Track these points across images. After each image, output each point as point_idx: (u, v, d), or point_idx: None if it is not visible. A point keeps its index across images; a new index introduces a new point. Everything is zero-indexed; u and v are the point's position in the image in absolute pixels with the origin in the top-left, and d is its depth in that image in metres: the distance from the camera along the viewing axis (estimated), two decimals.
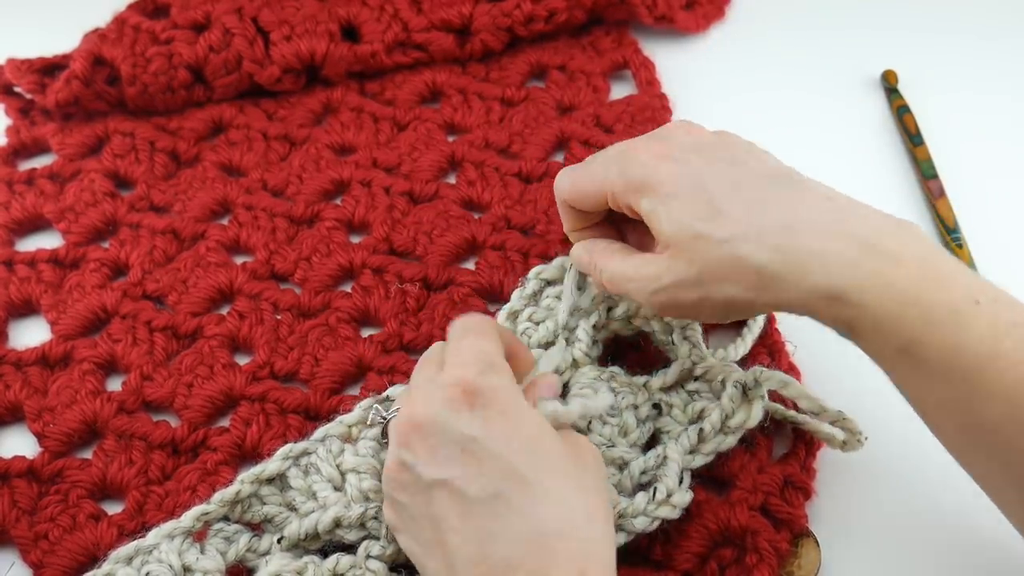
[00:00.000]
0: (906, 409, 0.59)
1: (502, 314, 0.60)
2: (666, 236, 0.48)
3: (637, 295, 0.50)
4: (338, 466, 0.54)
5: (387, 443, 0.51)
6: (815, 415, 0.55)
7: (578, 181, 0.54)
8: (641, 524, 0.51)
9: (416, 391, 0.48)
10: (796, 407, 0.56)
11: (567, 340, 0.57)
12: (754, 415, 0.54)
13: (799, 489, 0.55)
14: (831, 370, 0.60)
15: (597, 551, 0.44)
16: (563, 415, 0.48)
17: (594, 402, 0.52)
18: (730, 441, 0.54)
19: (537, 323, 0.59)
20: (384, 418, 0.53)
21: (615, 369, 0.57)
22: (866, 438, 0.54)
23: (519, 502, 0.43)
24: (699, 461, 0.54)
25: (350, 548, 0.52)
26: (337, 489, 0.53)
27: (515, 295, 0.60)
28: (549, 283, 0.60)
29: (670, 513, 0.51)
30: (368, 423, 0.54)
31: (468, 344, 0.48)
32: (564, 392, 0.55)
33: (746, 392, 0.54)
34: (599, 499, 0.46)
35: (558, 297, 0.59)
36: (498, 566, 0.43)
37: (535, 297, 0.60)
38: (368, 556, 0.51)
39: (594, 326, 0.58)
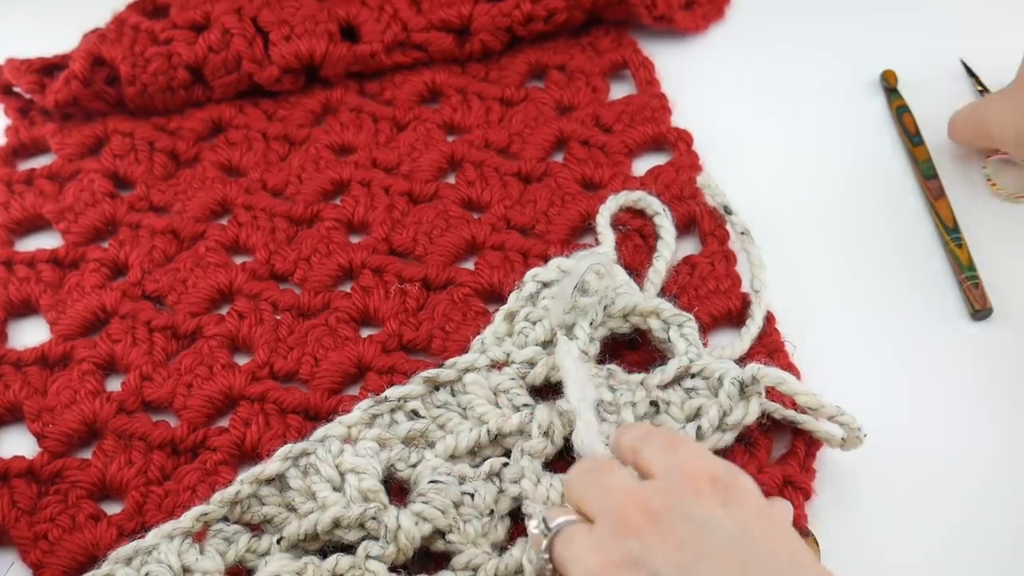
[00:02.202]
0: (905, 409, 0.59)
1: (499, 315, 0.60)
2: None
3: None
4: (337, 466, 0.54)
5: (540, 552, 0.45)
6: (813, 411, 0.55)
7: None
8: None
9: (626, 486, 0.40)
10: (795, 406, 0.56)
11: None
12: (751, 412, 0.54)
13: (799, 489, 0.54)
14: (830, 370, 0.60)
15: None
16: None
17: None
18: (728, 438, 0.54)
19: (534, 322, 0.59)
20: (549, 529, 0.44)
21: (612, 367, 0.57)
22: (865, 435, 0.54)
23: None
24: None
25: (349, 548, 0.52)
26: (336, 489, 0.53)
27: (512, 297, 0.60)
28: (546, 285, 0.60)
29: None
30: (532, 530, 0.46)
31: (691, 446, 0.41)
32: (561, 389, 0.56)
33: (743, 389, 0.54)
34: None
35: (555, 297, 0.59)
36: None
37: (532, 299, 0.60)
38: (367, 556, 0.51)
39: (591, 324, 0.58)
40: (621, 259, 0.63)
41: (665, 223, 0.64)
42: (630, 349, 0.60)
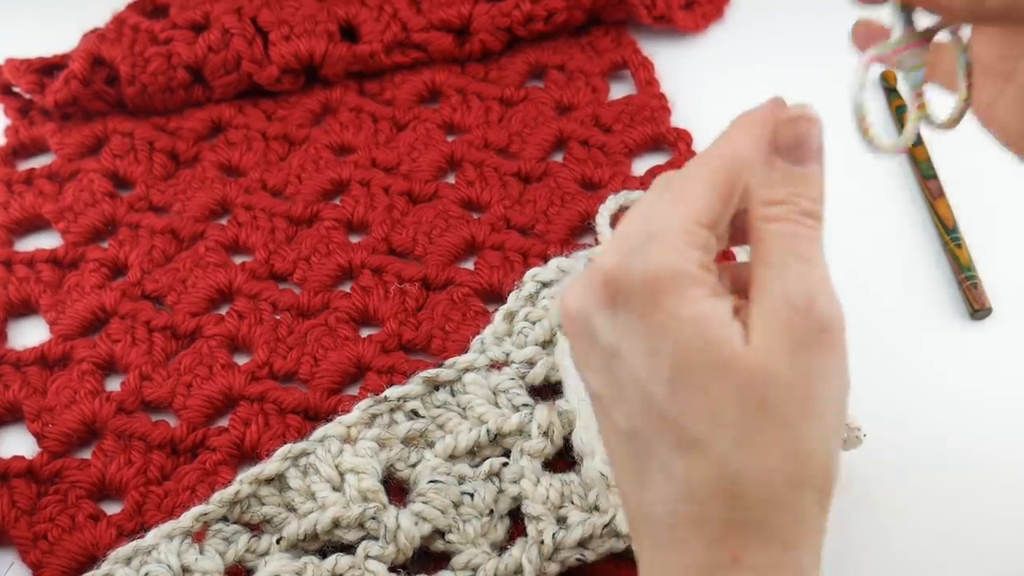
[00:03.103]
0: (905, 409, 0.59)
1: (499, 315, 0.60)
2: None
3: None
4: (337, 466, 0.54)
5: None
6: None
7: None
8: None
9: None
10: None
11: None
12: None
13: None
14: None
15: (787, 531, 0.33)
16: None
17: None
18: None
19: (534, 322, 0.59)
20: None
21: None
22: (864, 435, 0.54)
23: (662, 454, 0.33)
24: None
25: (349, 548, 0.52)
26: (336, 489, 0.53)
27: (512, 297, 0.60)
28: (545, 285, 0.60)
29: None
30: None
31: (652, 197, 0.36)
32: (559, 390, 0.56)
33: None
34: (806, 454, 0.33)
35: (554, 297, 0.59)
36: (647, 521, 0.35)
37: (532, 299, 0.60)
38: (367, 556, 0.51)
39: None
40: None
41: None
42: None
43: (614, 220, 0.65)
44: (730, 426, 0.32)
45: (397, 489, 0.55)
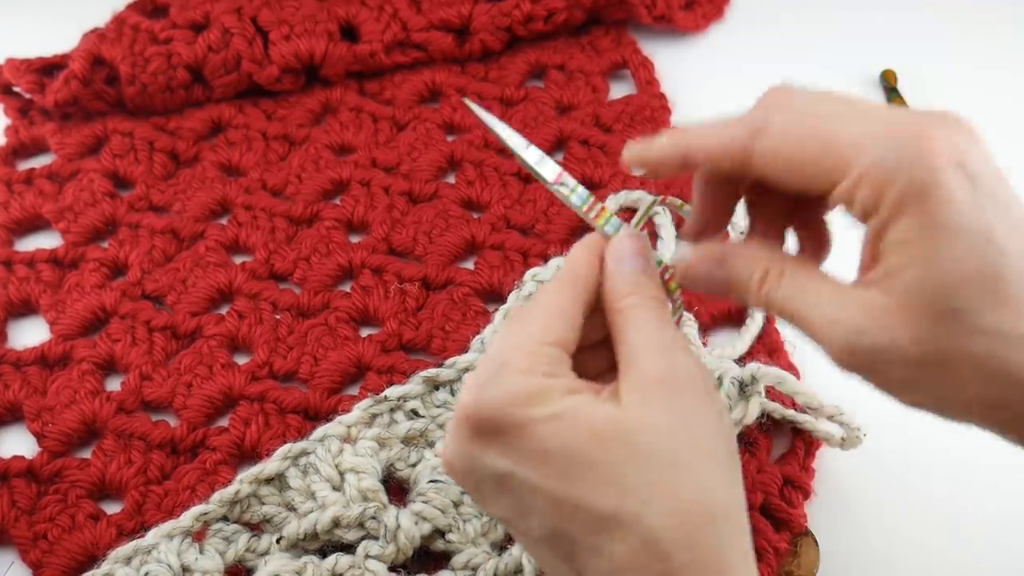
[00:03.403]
0: (905, 410, 0.59)
1: (499, 315, 0.60)
2: (905, 279, 0.34)
3: (820, 336, 0.36)
4: (337, 466, 0.54)
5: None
6: (813, 411, 0.55)
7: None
8: None
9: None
10: (795, 405, 0.56)
11: None
12: (751, 411, 0.54)
13: (798, 489, 0.55)
14: (830, 370, 0.60)
15: (714, 564, 0.35)
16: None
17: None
18: None
19: None
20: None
21: None
22: (864, 434, 0.54)
23: (585, 540, 0.35)
24: None
25: (349, 548, 0.52)
26: (336, 489, 0.53)
27: (512, 296, 0.60)
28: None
29: None
30: None
31: (499, 336, 0.40)
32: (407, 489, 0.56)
33: (743, 388, 0.54)
34: (686, 488, 0.35)
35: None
36: None
37: (532, 298, 0.60)
38: (367, 556, 0.51)
39: None
40: None
41: (665, 223, 0.64)
42: None
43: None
44: (631, 487, 0.35)
45: (397, 489, 0.55)
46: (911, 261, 0.34)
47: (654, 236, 0.64)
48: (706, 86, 0.76)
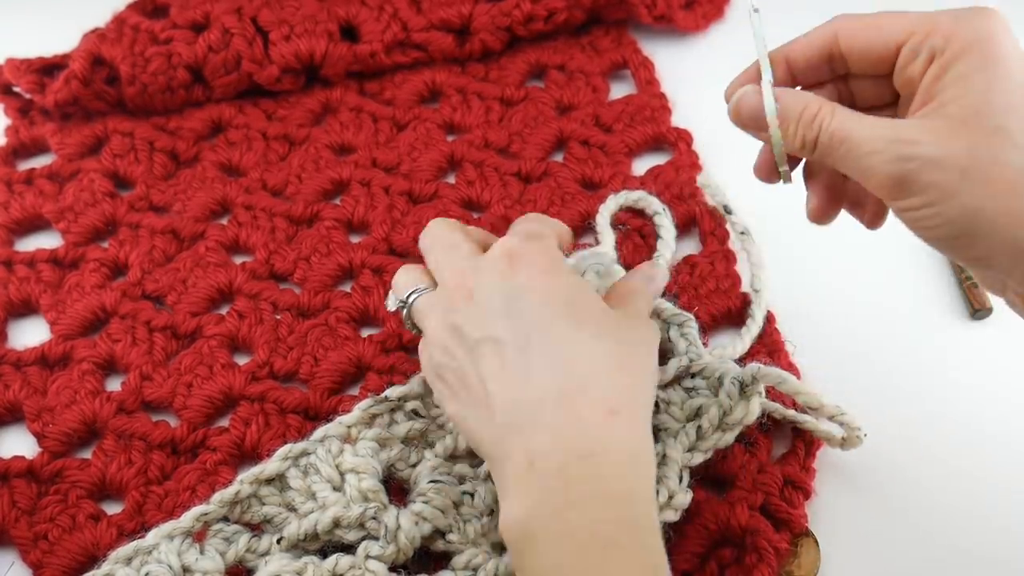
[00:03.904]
0: (906, 409, 0.59)
1: None
2: (962, 104, 0.41)
3: (872, 155, 0.42)
4: (337, 466, 0.54)
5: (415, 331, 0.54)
6: (813, 411, 0.55)
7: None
8: None
9: (459, 266, 0.51)
10: (795, 406, 0.56)
11: None
12: (752, 411, 0.54)
13: (799, 489, 0.54)
14: (831, 370, 0.60)
15: (627, 396, 0.46)
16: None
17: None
18: (728, 438, 0.54)
19: None
20: (404, 302, 0.54)
21: None
22: (865, 435, 0.54)
23: (550, 348, 0.46)
24: (698, 459, 0.54)
25: (349, 548, 0.52)
26: (336, 489, 0.53)
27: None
28: None
29: (671, 517, 0.51)
30: (391, 308, 0.56)
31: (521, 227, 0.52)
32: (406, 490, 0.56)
33: (744, 388, 0.54)
34: (635, 356, 0.48)
35: None
36: (529, 405, 0.45)
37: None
38: (368, 556, 0.51)
39: None
40: (621, 258, 0.62)
41: (665, 223, 0.64)
42: None
43: (614, 220, 0.65)
44: (603, 344, 0.47)
45: (397, 489, 0.55)
46: (968, 91, 0.41)
47: (654, 236, 0.64)
48: (706, 86, 0.76)
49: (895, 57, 0.44)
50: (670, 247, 0.63)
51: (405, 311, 0.54)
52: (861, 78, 0.48)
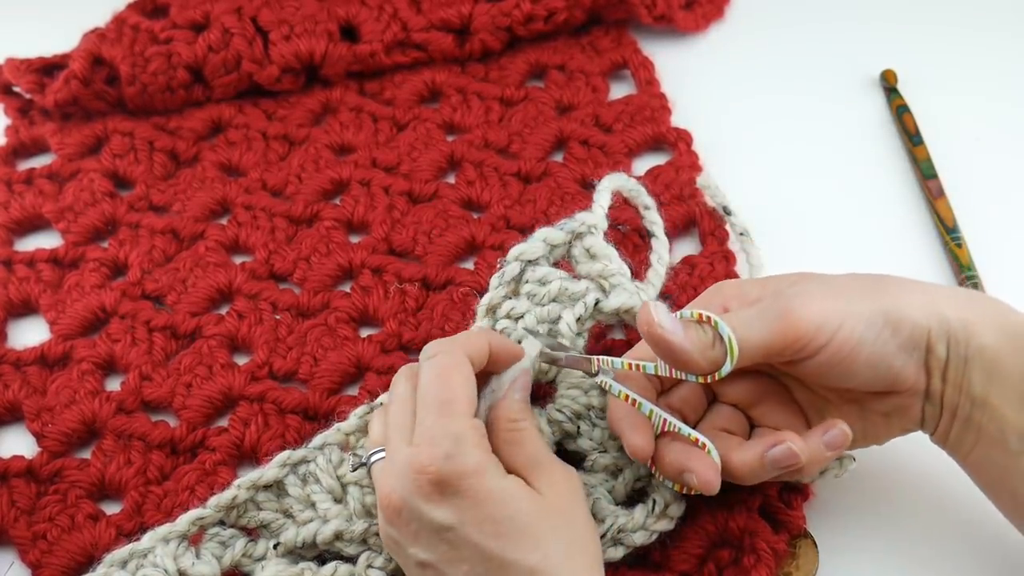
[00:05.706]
0: None
1: (481, 308, 0.57)
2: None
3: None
4: (339, 478, 0.53)
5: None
6: None
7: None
8: (640, 539, 0.51)
9: (390, 462, 0.48)
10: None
11: (549, 332, 0.56)
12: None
13: (797, 491, 0.54)
14: None
15: (594, 567, 0.47)
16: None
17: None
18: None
19: (516, 319, 0.56)
20: (364, 462, 0.51)
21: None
22: (854, 461, 0.53)
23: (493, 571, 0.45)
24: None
25: (347, 557, 0.52)
26: (337, 501, 0.53)
27: (493, 280, 0.58)
28: (531, 262, 0.57)
29: (667, 526, 0.51)
30: (352, 468, 0.53)
31: (434, 415, 0.47)
32: (551, 391, 0.55)
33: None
34: (584, 552, 0.47)
35: (541, 282, 0.56)
36: None
37: (515, 282, 0.57)
38: (369, 566, 0.51)
39: (578, 319, 0.55)
40: (621, 258, 0.62)
41: (655, 219, 0.62)
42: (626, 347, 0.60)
43: (614, 220, 0.64)
44: (552, 550, 0.45)
45: None
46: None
47: (648, 235, 0.63)
48: (706, 86, 0.76)
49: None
50: (665, 245, 0.61)
51: (365, 471, 0.52)
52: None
